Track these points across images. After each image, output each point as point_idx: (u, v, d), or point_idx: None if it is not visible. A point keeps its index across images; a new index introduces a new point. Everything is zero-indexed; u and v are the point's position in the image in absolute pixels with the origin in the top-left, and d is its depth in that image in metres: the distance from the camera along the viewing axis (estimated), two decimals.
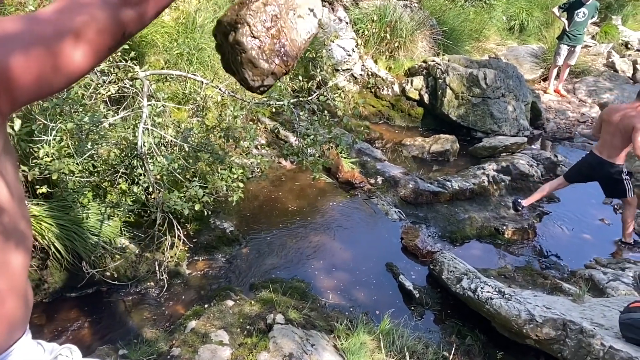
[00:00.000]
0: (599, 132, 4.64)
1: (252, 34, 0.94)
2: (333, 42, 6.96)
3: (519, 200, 5.05)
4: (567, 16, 8.01)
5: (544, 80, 9.18)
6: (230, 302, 3.28)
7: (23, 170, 2.70)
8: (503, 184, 5.57)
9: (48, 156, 2.55)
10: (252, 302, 3.33)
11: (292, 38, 0.97)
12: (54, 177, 2.55)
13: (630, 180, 4.54)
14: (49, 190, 3.05)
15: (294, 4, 0.96)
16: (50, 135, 2.64)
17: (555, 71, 8.51)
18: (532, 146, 6.73)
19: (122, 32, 0.77)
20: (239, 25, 0.94)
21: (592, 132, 4.96)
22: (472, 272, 3.61)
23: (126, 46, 3.26)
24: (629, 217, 4.71)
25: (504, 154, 6.31)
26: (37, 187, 3.04)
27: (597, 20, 10.25)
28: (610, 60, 9.94)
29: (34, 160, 2.75)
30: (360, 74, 7.34)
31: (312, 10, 0.98)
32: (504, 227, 4.81)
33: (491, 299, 3.22)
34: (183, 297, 3.52)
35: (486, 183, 5.47)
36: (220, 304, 3.26)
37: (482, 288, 3.35)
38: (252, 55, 0.95)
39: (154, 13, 0.83)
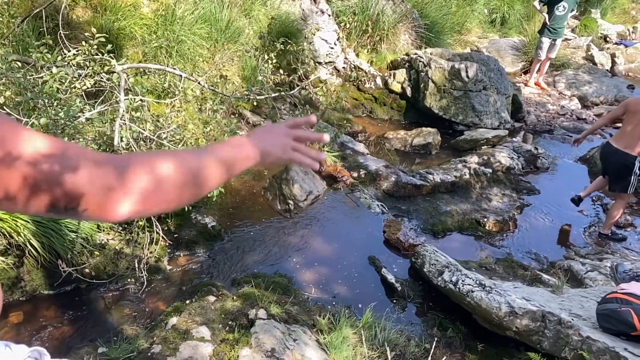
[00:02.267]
0: (611, 120, 4.56)
1: (297, 173, 2.45)
2: (314, 34, 6.92)
3: (578, 195, 4.99)
4: (547, 10, 8.07)
5: (525, 73, 9.26)
6: (211, 298, 3.26)
7: None
8: (484, 176, 5.61)
9: None
10: (234, 297, 3.31)
11: (316, 181, 2.82)
12: None
13: (638, 178, 4.49)
14: None
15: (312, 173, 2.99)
16: None
17: (537, 65, 8.58)
18: (513, 139, 6.80)
19: (62, 206, 0.68)
20: (289, 169, 2.52)
21: (607, 116, 4.85)
22: (454, 265, 3.64)
23: (102, 39, 3.19)
24: (617, 211, 4.74)
25: (485, 146, 6.35)
26: None
27: (577, 14, 10.37)
28: (589, 53, 10.07)
29: None
30: (343, 67, 7.31)
31: (322, 183, 2.96)
32: (485, 219, 4.86)
33: (472, 291, 3.25)
34: (164, 293, 3.48)
35: (468, 176, 5.51)
36: (201, 299, 3.23)
37: (463, 281, 3.38)
38: (299, 181, 2.52)
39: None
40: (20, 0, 4.17)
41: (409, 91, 7.15)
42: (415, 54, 7.30)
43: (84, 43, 3.16)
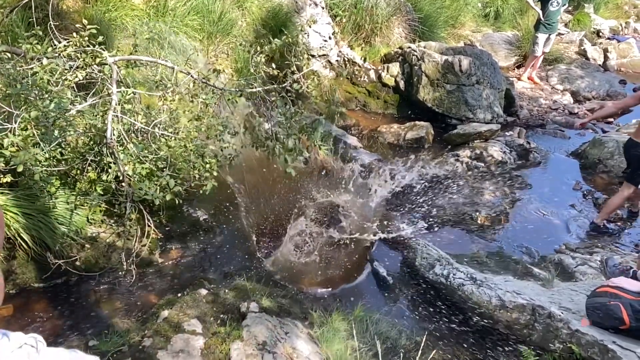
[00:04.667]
0: (621, 109, 4.46)
1: None
2: (310, 27, 6.88)
3: None
4: (541, 6, 8.06)
5: (518, 67, 9.27)
6: (203, 291, 3.26)
7: None
8: (476, 170, 5.63)
9: (13, 146, 2.45)
10: (226, 290, 3.31)
11: None
12: (20, 169, 2.46)
13: None
14: (13, 179, 2.96)
15: None
16: (15, 124, 2.54)
17: (533, 61, 8.56)
18: (506, 133, 6.81)
19: None
20: None
21: (617, 104, 4.77)
22: (445, 259, 3.66)
23: (94, 30, 3.15)
24: (617, 203, 4.72)
25: (478, 140, 6.37)
26: (1, 176, 2.94)
27: (570, 8, 10.38)
28: (582, 48, 10.10)
29: None
30: (337, 60, 7.28)
31: None
32: (477, 213, 4.88)
33: (463, 285, 3.27)
34: (156, 286, 3.47)
35: (460, 170, 5.53)
36: (193, 292, 3.23)
37: (454, 274, 3.40)
38: None
39: None
40: None
41: (402, 85, 7.14)
42: (409, 47, 7.28)
43: (74, 34, 3.12)
